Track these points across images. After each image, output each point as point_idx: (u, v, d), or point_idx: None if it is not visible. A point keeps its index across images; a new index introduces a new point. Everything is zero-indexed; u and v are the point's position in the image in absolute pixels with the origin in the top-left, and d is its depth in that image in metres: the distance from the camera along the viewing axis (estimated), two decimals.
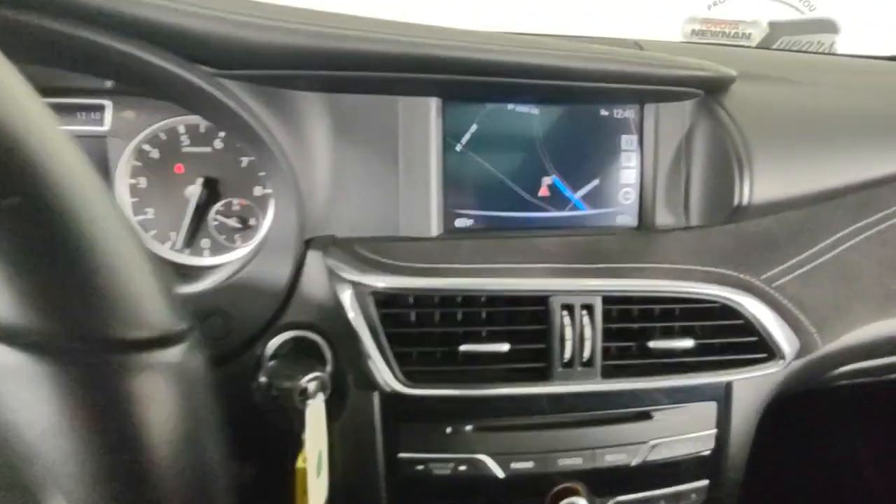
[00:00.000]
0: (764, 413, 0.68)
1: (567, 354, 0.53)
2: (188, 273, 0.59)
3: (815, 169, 0.62)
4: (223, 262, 0.59)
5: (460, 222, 0.62)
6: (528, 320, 0.54)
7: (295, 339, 0.56)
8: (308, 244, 0.54)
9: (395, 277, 0.50)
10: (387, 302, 0.51)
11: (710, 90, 0.64)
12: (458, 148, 0.61)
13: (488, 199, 0.62)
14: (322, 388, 0.50)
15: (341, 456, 0.56)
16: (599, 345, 0.54)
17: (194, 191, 0.59)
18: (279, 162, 0.49)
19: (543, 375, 0.54)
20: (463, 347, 0.51)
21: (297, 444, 0.50)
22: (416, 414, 0.55)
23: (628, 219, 0.66)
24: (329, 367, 0.57)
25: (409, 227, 0.58)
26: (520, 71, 0.54)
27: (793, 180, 0.62)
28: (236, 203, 0.61)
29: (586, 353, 0.54)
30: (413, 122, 0.57)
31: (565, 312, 0.53)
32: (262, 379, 0.49)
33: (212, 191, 0.61)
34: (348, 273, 0.51)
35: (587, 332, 0.53)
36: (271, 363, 0.54)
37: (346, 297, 0.51)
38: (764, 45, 1.24)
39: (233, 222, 0.61)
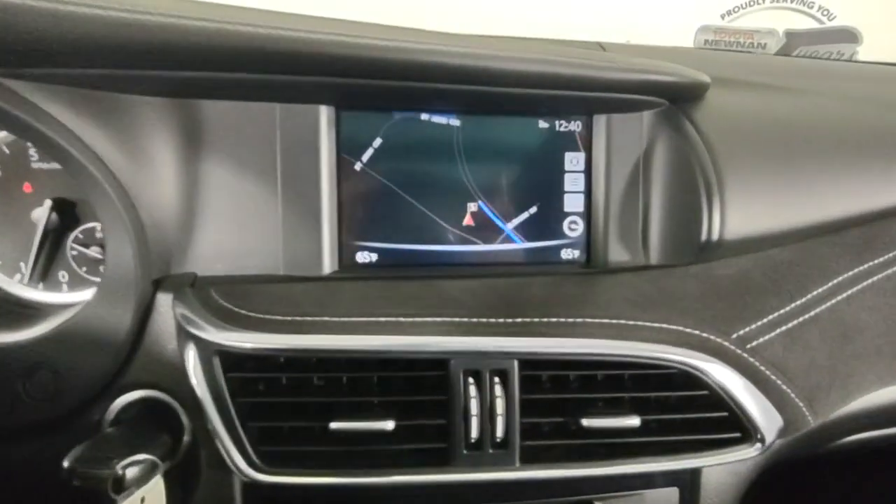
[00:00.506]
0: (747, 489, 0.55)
1: (474, 433, 0.42)
2: (34, 314, 0.49)
3: (805, 197, 0.50)
4: (64, 304, 0.49)
5: (362, 257, 0.51)
6: (424, 389, 0.42)
7: (144, 401, 0.45)
8: (158, 285, 0.44)
9: (246, 333, 0.40)
10: (237, 364, 0.41)
11: (676, 98, 0.52)
12: (358, 166, 0.50)
13: (398, 229, 0.51)
14: (149, 472, 0.40)
15: None
16: (517, 422, 0.42)
17: (41, 214, 0.49)
18: (100, 183, 0.39)
19: (444, 459, 0.42)
20: (333, 425, 0.40)
21: None
22: (285, 500, 0.44)
23: (575, 254, 0.54)
24: (187, 437, 0.46)
25: (294, 263, 0.48)
26: (430, 73, 0.43)
27: (776, 211, 0.49)
28: (100, 229, 0.52)
29: (499, 432, 0.42)
30: (296, 136, 0.47)
31: (471, 380, 0.42)
32: (65, 464, 0.38)
33: (67, 214, 0.51)
34: (193, 326, 0.40)
35: (499, 406, 0.41)
36: (109, 430, 0.44)
37: (190, 356, 0.40)
38: (781, 55, 1.12)
39: (94, 252, 0.52)
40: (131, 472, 0.38)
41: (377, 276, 0.49)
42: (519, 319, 0.42)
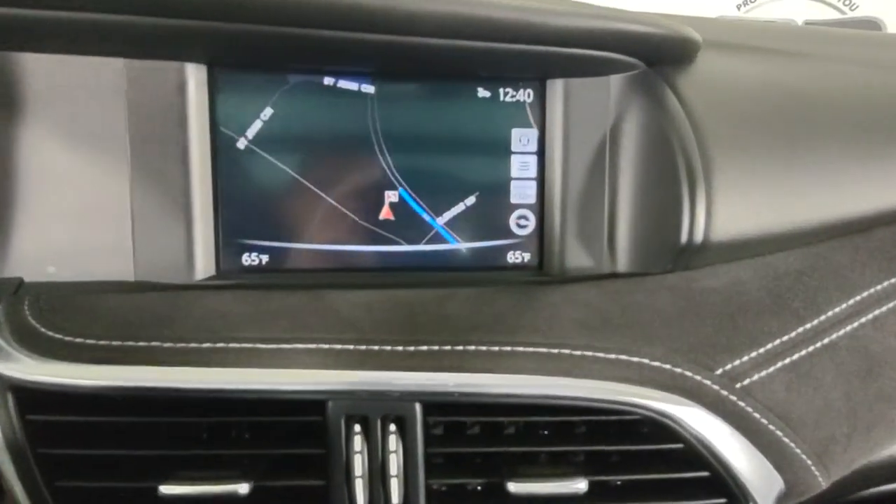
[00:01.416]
0: None
1: (360, 500, 0.31)
2: None
3: (818, 188, 0.38)
4: None
5: (248, 259, 0.41)
6: (298, 440, 0.32)
7: None
8: None
9: (45, 363, 0.29)
10: (38, 404, 0.31)
11: (654, 59, 0.41)
12: (242, 144, 0.39)
13: (294, 224, 0.40)
14: None
15: None
16: (421, 485, 0.31)
17: None
18: None
19: None
20: (163, 489, 0.30)
21: None
22: None
23: (524, 257, 0.43)
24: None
25: (151, 267, 0.37)
26: (330, 15, 0.33)
27: (779, 205, 0.38)
28: None
29: (395, 499, 0.31)
30: (152, 102, 0.36)
31: (357, 428, 0.31)
32: None
33: None
34: None
35: (393, 464, 0.31)
36: None
37: None
38: None
39: None
40: None
41: (263, 285, 0.38)
42: (424, 347, 0.31)
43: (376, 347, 0.31)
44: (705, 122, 0.38)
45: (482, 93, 0.41)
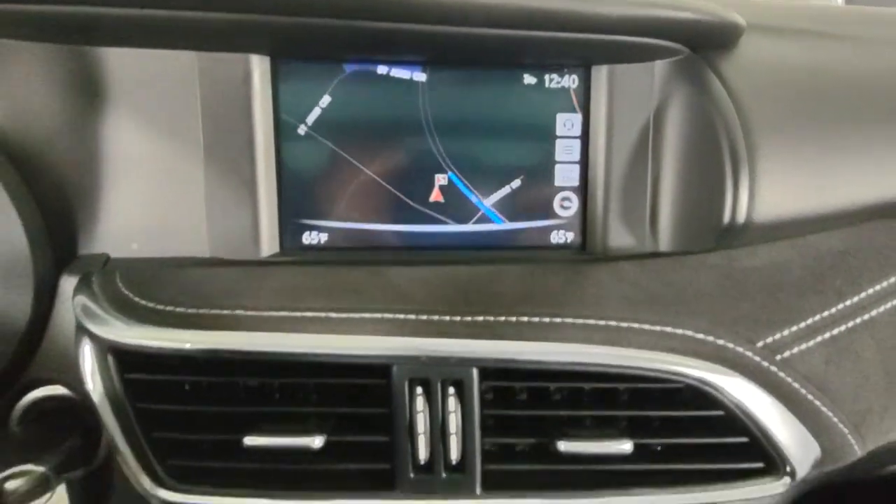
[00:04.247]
0: None
1: (422, 455, 0.34)
2: None
3: (861, 169, 0.39)
4: None
5: (309, 238, 0.44)
6: (365, 400, 0.35)
7: (52, 400, 0.40)
8: (63, 266, 0.38)
9: (141, 328, 0.33)
10: (136, 364, 0.34)
11: (698, 45, 0.42)
12: (302, 130, 0.42)
13: (351, 205, 0.43)
14: (40, 485, 0.34)
15: None
16: (477, 442, 0.34)
17: None
18: None
19: (387, 483, 0.35)
20: (247, 441, 0.33)
21: None
22: None
23: (568, 237, 0.45)
24: (105, 439, 0.40)
25: (223, 244, 0.40)
26: (384, 9, 0.35)
27: (822, 186, 0.39)
28: None
29: (454, 454, 0.34)
30: (222, 92, 0.39)
31: (418, 390, 0.34)
32: None
33: None
34: (88, 318, 0.34)
35: (452, 423, 0.34)
36: (17, 429, 0.39)
37: (84, 353, 0.34)
38: None
39: None
40: (13, 485, 0.33)
41: (323, 261, 0.41)
42: (480, 318, 0.34)
43: (435, 318, 0.34)
44: (749, 106, 0.39)
45: (528, 79, 0.43)
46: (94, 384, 0.34)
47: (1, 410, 0.39)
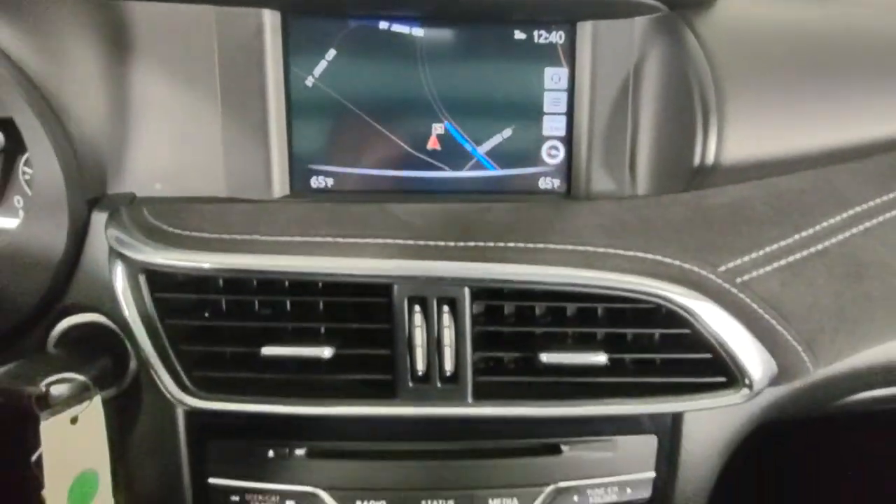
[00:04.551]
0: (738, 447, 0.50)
1: (419, 366, 0.38)
2: None
3: (822, 117, 0.43)
4: (10, 222, 0.47)
5: (317, 182, 0.47)
6: (369, 317, 0.39)
7: (86, 326, 0.44)
8: (93, 205, 0.42)
9: (171, 251, 0.37)
10: (165, 284, 0.38)
11: (677, 3, 0.45)
12: (310, 81, 0.46)
13: (355, 152, 0.47)
14: (80, 392, 0.38)
15: (140, 476, 0.45)
16: (468, 355, 0.39)
17: None
18: (16, 87, 0.36)
19: (389, 392, 0.39)
20: (265, 350, 0.37)
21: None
22: (229, 430, 0.43)
23: (554, 183, 0.49)
24: (133, 365, 0.44)
25: (239, 185, 0.44)
26: None
27: (785, 132, 0.43)
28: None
29: (448, 366, 0.38)
30: (237, 44, 0.42)
31: (416, 308, 0.38)
32: None
33: (14, 136, 0.49)
34: (121, 244, 0.38)
35: (447, 337, 0.38)
36: (48, 351, 0.43)
37: (117, 275, 0.38)
38: None
39: None
40: (58, 390, 0.37)
41: (331, 200, 0.45)
42: (472, 244, 0.38)
43: (432, 243, 0.38)
44: (721, 59, 0.43)
45: (518, 35, 0.46)
46: (126, 303, 0.38)
47: (39, 335, 0.44)
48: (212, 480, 0.42)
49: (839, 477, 0.72)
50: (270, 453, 0.42)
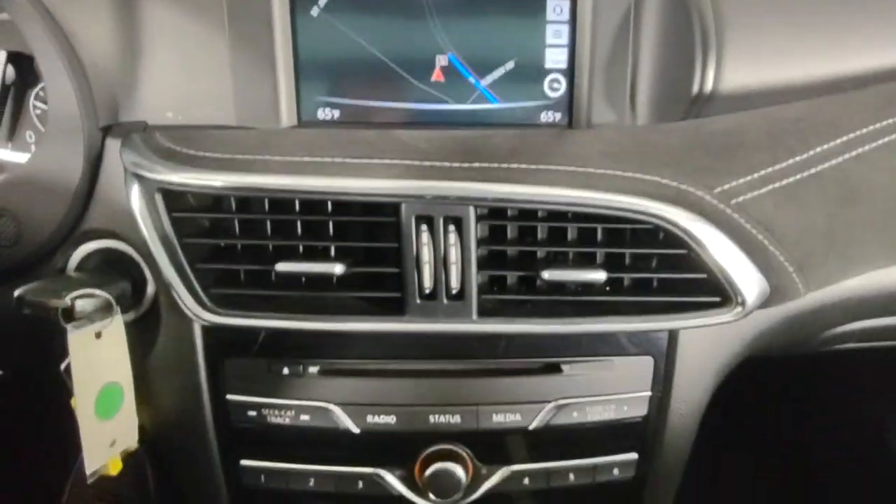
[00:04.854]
0: (729, 376, 0.53)
1: (426, 283, 0.40)
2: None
3: (820, 47, 0.44)
4: (23, 157, 0.48)
5: (323, 113, 0.48)
6: (379, 236, 0.41)
7: (105, 251, 0.45)
8: (107, 132, 0.43)
9: (188, 170, 0.38)
10: (181, 203, 0.40)
11: None
12: (315, 12, 0.46)
13: (361, 84, 0.48)
14: (104, 308, 0.40)
15: (162, 393, 0.47)
16: (473, 272, 0.40)
17: None
18: (30, 15, 0.37)
19: (397, 309, 0.41)
20: (279, 267, 0.39)
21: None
22: (245, 347, 0.45)
23: (556, 116, 0.50)
24: (150, 288, 0.46)
25: (248, 114, 0.45)
26: None
27: (783, 62, 0.43)
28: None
29: (454, 283, 0.40)
30: None
31: (423, 227, 0.39)
32: (16, 293, 0.39)
33: (25, 70, 0.50)
34: (136, 166, 0.39)
35: (453, 255, 0.39)
36: (76, 274, 0.45)
37: (135, 196, 0.39)
38: None
39: None
40: (82, 305, 0.39)
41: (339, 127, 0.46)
42: (476, 165, 0.39)
43: (437, 164, 0.39)
44: None
45: None
46: (144, 223, 0.39)
47: (60, 261, 0.45)
48: (230, 396, 0.45)
49: (824, 410, 0.76)
50: (285, 370, 0.44)
